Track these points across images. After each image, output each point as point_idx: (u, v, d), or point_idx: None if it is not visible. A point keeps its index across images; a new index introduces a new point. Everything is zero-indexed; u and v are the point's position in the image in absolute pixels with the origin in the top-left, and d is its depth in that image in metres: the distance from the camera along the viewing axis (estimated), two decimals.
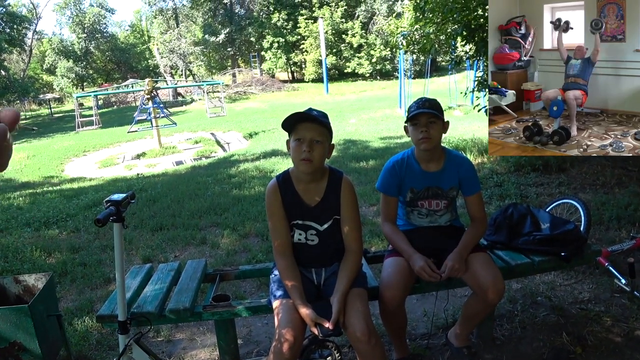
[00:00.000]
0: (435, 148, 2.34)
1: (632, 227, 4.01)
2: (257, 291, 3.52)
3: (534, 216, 2.71)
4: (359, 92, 26.84)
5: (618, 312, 2.89)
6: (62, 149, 15.02)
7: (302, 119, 2.00)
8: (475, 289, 2.24)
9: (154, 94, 13.57)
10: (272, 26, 34.34)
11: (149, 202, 6.15)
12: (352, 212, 2.13)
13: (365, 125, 13.46)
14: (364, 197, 5.57)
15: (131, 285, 2.48)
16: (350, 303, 1.97)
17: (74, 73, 37.59)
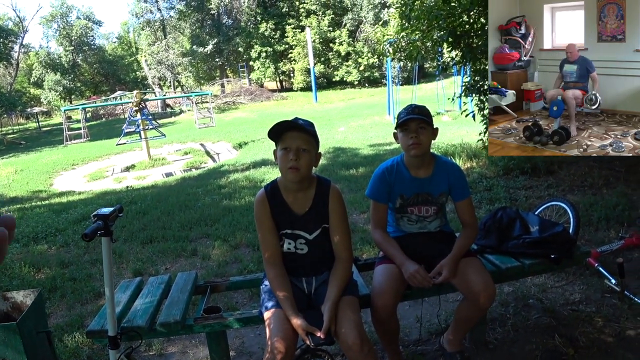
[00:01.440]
0: (425, 154, 2.35)
1: (620, 227, 4.04)
2: (249, 302, 3.50)
3: (523, 219, 2.72)
4: (347, 100, 26.92)
5: (609, 312, 2.90)
6: (51, 163, 14.90)
7: (288, 127, 2.01)
8: (466, 294, 2.24)
9: (142, 105, 13.53)
10: (260, 36, 34.40)
11: (138, 215, 6.10)
12: (340, 220, 2.13)
13: (355, 132, 13.49)
14: (355, 205, 5.57)
15: (121, 299, 2.46)
16: (342, 311, 1.97)
17: (62, 86, 37.32)
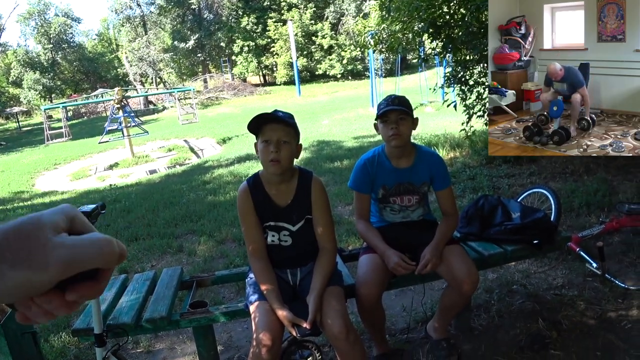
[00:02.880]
0: (406, 144, 2.36)
1: (601, 212, 4.11)
2: (235, 296, 3.51)
3: (504, 206, 2.76)
4: (331, 93, 26.91)
5: (591, 295, 2.96)
6: (32, 163, 14.70)
7: (268, 120, 2.01)
8: (450, 281, 2.27)
9: (124, 103, 13.40)
10: (242, 30, 34.18)
11: (123, 213, 6.06)
12: (323, 211, 2.14)
13: (338, 125, 13.50)
14: (340, 197, 5.58)
15: (106, 297, 2.44)
16: (327, 302, 1.98)
17: (42, 85, 36.74)
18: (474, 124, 6.12)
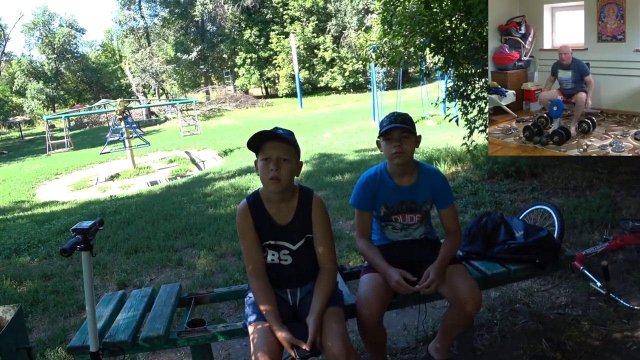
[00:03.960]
0: (408, 162, 2.34)
1: (604, 229, 4.07)
2: (234, 312, 3.46)
3: (507, 225, 2.72)
4: (332, 105, 26.97)
5: (595, 315, 2.92)
6: (33, 173, 14.71)
7: (267, 138, 1.99)
8: (452, 301, 2.23)
9: (127, 114, 13.44)
10: (244, 42, 34.36)
11: (123, 225, 6.03)
12: (324, 230, 2.11)
13: (340, 138, 13.50)
14: (341, 212, 5.55)
15: (103, 313, 2.41)
16: (327, 322, 1.94)
17: (45, 94, 36.88)
18: (476, 139, 6.11)
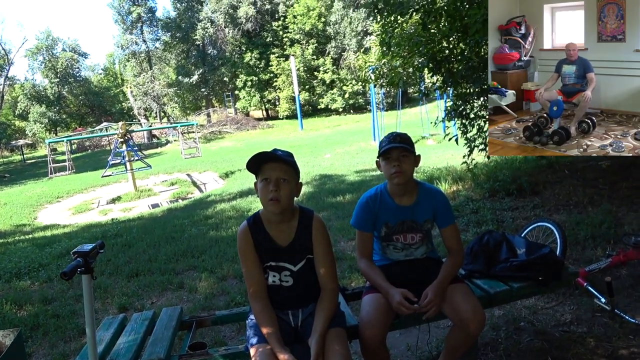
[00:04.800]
0: (408, 182, 2.34)
1: (607, 245, 4.05)
2: (236, 335, 3.43)
3: (509, 242, 2.71)
4: (333, 126, 27.12)
5: (600, 332, 2.89)
6: (35, 196, 14.73)
7: (267, 159, 2.00)
8: (455, 321, 2.21)
9: (128, 137, 13.52)
10: (245, 65, 34.74)
11: (124, 248, 6.01)
12: (325, 250, 2.11)
13: (341, 159, 13.54)
14: (342, 232, 5.54)
15: (103, 337, 2.39)
16: (329, 344, 1.93)
17: (47, 118, 37.19)
18: (476, 157, 6.12)
